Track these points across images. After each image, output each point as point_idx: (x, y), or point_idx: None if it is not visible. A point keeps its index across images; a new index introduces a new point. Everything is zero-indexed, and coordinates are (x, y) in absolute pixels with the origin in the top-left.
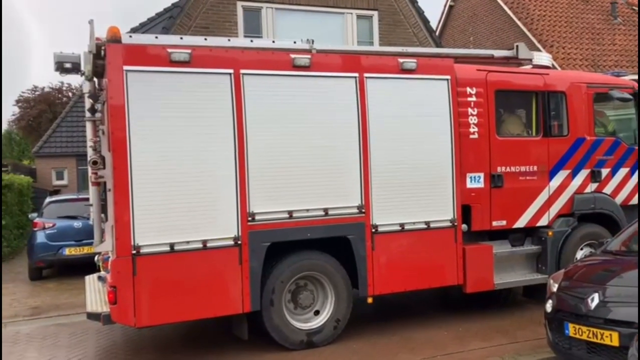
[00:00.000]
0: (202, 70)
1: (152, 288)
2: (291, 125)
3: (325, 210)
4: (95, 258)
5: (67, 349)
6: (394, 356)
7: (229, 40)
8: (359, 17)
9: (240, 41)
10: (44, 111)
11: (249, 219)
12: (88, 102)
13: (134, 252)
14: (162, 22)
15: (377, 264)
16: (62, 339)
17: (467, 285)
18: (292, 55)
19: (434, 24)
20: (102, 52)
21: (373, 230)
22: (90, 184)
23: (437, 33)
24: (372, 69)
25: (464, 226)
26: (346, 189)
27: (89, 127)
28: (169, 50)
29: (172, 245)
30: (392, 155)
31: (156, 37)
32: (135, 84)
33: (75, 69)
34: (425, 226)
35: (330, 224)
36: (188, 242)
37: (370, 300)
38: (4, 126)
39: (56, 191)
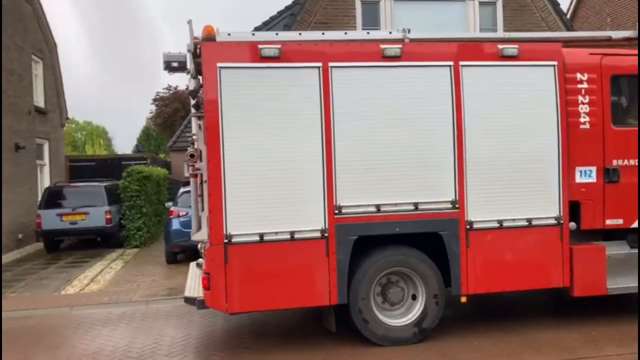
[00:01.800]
0: (291, 65)
1: (242, 276)
2: (381, 118)
3: (416, 204)
4: (199, 246)
5: (198, 327)
6: (519, 356)
7: (322, 34)
8: (481, 4)
9: (333, 34)
10: (177, 109)
11: (336, 212)
12: (193, 99)
13: (226, 241)
14: (284, 19)
15: (471, 262)
16: (195, 318)
17: (575, 288)
18: (382, 46)
19: (564, 6)
20: (198, 51)
21: (468, 226)
22: (189, 175)
23: (567, 16)
24: (469, 56)
25: (572, 224)
26: (439, 183)
27: (194, 122)
28: (260, 46)
29: (261, 235)
30: (490, 147)
31: (253, 34)
32: (228, 80)
33: (182, 67)
34: (527, 223)
35: (421, 219)
36: (277, 233)
37: (464, 299)
38: (143, 122)
39: (189, 182)
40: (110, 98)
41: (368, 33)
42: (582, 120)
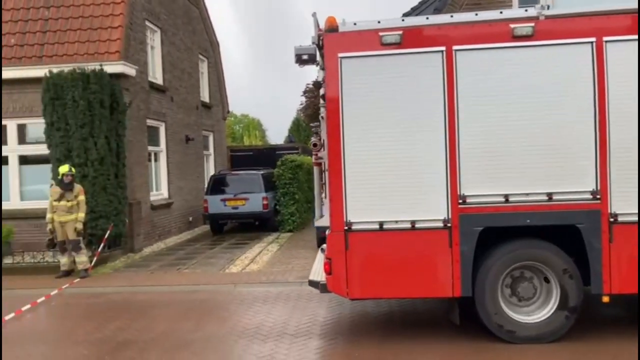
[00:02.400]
0: (412, 51)
1: (362, 262)
2: (510, 102)
3: (549, 194)
4: (327, 232)
5: (349, 309)
6: None
7: (451, 16)
8: None
9: (462, 16)
10: None
11: (460, 201)
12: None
13: (346, 228)
14: (434, 3)
15: (615, 258)
16: (346, 301)
17: None
18: (512, 25)
19: None
20: (321, 42)
21: (611, 219)
22: (313, 164)
23: None
24: (615, 30)
25: None
26: (577, 172)
27: (322, 113)
28: (381, 33)
29: (381, 223)
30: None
31: (378, 22)
32: (349, 69)
33: (312, 59)
34: None
35: (555, 211)
36: (397, 222)
37: (605, 299)
38: (293, 114)
39: None
40: (264, 91)
41: (501, 12)
42: None
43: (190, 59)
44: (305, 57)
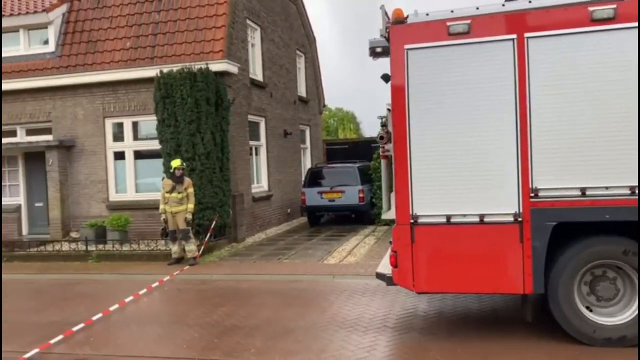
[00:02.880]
0: (481, 40)
1: (429, 256)
2: (588, 91)
3: (632, 188)
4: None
5: (450, 304)
6: None
7: (529, 1)
8: None
9: (535, 2)
10: None
11: (532, 195)
12: (386, 83)
13: (412, 221)
14: None
15: None
16: (448, 296)
17: None
18: (591, 8)
19: None
20: (387, 34)
21: None
22: (380, 156)
23: None
24: None
25: None
26: None
27: (389, 105)
28: (448, 23)
29: (448, 217)
30: None
31: (451, 12)
32: (415, 61)
33: (385, 52)
34: None
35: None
36: (464, 215)
37: None
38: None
39: None
40: (358, 84)
41: None
42: None
43: (288, 55)
44: (378, 49)
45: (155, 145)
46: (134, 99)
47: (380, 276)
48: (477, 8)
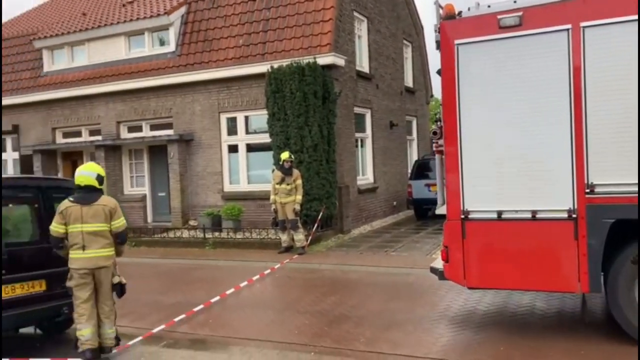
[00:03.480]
0: (533, 32)
1: (480, 252)
2: None
3: None
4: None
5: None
6: None
7: None
8: None
9: None
10: None
11: (587, 190)
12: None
13: (462, 216)
14: None
15: None
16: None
17: None
18: None
19: None
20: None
21: None
22: (434, 151)
23: None
24: None
25: None
26: None
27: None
28: (499, 16)
29: (499, 213)
30: None
31: (488, 7)
32: (466, 56)
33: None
34: None
35: None
36: (517, 211)
37: None
38: None
39: None
40: None
41: None
42: None
43: (394, 45)
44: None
45: (265, 138)
46: (246, 95)
47: (433, 270)
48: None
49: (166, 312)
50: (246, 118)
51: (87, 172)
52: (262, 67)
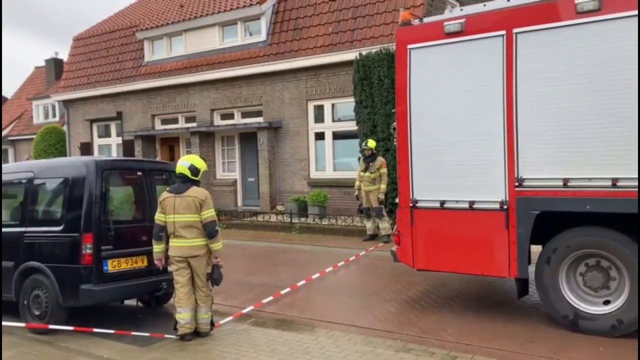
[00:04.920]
0: (473, 37)
1: (426, 237)
2: (573, 84)
3: (614, 180)
4: None
5: None
6: None
7: (508, 0)
8: None
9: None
10: None
11: (517, 184)
12: None
13: (411, 205)
14: None
15: None
16: None
17: None
18: (576, 1)
19: None
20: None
21: None
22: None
23: None
24: None
25: None
26: None
27: None
28: (445, 23)
29: (442, 202)
30: None
31: (450, 11)
32: (416, 58)
33: None
34: None
35: (620, 198)
36: (457, 202)
37: None
38: None
39: None
40: None
41: None
42: None
43: None
44: None
45: (351, 126)
46: (334, 82)
47: (392, 254)
48: (485, 5)
49: (255, 292)
50: (333, 106)
51: (183, 162)
52: (350, 55)
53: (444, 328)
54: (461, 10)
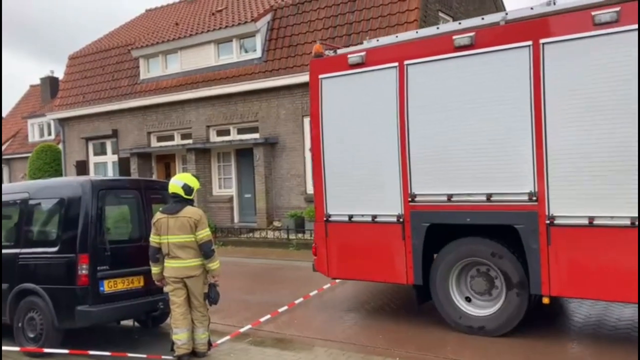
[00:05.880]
0: (372, 68)
1: (338, 248)
2: (453, 108)
3: (489, 195)
4: None
5: None
6: None
7: (396, 37)
8: None
9: (408, 34)
10: None
11: (410, 199)
12: None
13: (325, 219)
14: None
15: (553, 260)
16: None
17: None
18: (454, 37)
19: None
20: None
21: (548, 221)
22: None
23: None
24: (552, 32)
25: None
26: (515, 174)
27: None
28: (349, 55)
29: (350, 216)
30: (579, 135)
31: (363, 43)
32: (326, 87)
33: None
34: (630, 223)
35: (494, 211)
36: (362, 215)
37: (545, 300)
38: None
39: None
40: None
41: (460, 23)
42: None
43: None
44: None
45: None
46: None
47: (313, 264)
48: (417, 32)
49: (252, 310)
50: None
51: (176, 181)
52: None
53: (443, 344)
54: (377, 40)
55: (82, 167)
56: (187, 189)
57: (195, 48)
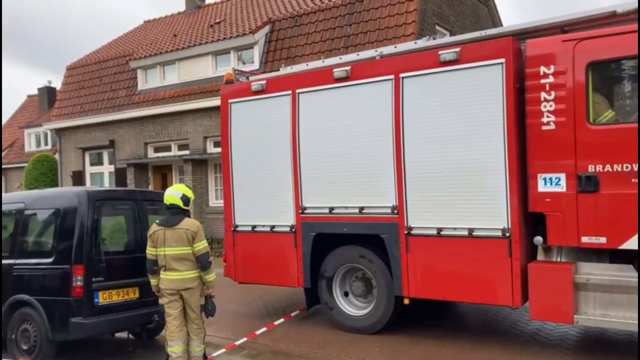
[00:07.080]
0: (271, 95)
1: (243, 256)
2: (334, 132)
3: (361, 208)
4: None
5: None
6: None
7: (291, 68)
8: None
9: (300, 67)
10: None
11: (300, 211)
12: None
13: (233, 229)
14: None
15: (412, 266)
16: None
17: (531, 311)
18: (334, 70)
19: None
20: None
21: (406, 231)
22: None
23: None
24: (408, 67)
25: (538, 239)
26: (381, 190)
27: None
28: (252, 83)
29: (253, 226)
30: (430, 155)
31: (280, 69)
32: (234, 111)
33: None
34: (468, 234)
35: (365, 222)
36: (263, 226)
37: (406, 301)
38: None
39: None
40: None
41: (323, 61)
42: (545, 120)
43: None
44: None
45: None
46: None
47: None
48: (307, 64)
49: (248, 323)
50: None
51: (174, 192)
52: None
53: (440, 358)
54: (306, 65)
55: (78, 178)
56: (185, 199)
57: (193, 59)
